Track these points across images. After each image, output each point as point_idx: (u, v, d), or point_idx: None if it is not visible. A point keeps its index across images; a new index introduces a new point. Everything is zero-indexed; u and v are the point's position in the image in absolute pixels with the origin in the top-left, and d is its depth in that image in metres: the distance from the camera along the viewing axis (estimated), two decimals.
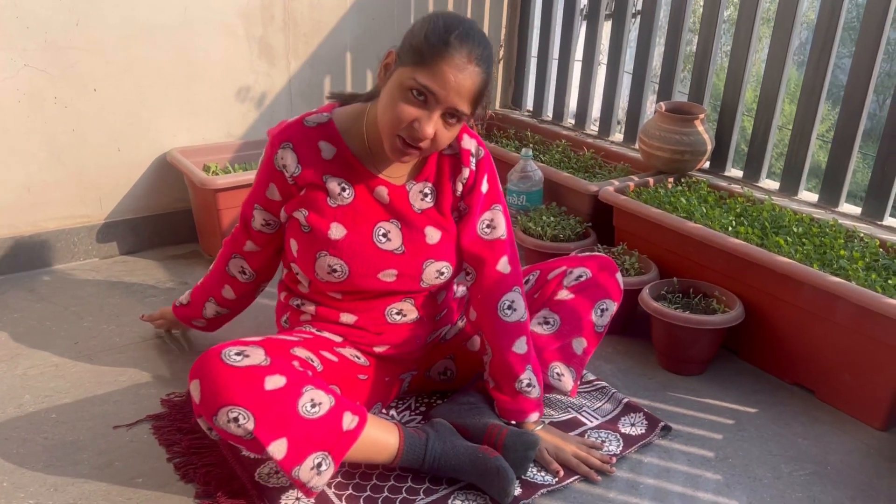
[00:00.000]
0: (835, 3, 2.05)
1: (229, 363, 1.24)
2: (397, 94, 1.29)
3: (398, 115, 1.29)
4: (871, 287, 1.66)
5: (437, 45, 1.26)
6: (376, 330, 1.52)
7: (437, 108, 1.29)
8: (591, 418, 1.67)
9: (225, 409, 1.21)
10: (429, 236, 1.48)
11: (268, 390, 1.23)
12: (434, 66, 1.26)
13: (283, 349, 1.37)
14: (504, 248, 1.53)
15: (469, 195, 1.50)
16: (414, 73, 1.27)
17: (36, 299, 2.09)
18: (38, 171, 2.18)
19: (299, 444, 1.25)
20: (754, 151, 2.31)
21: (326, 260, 1.42)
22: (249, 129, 2.52)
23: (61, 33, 2.09)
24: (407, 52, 1.30)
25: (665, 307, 1.83)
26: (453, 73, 1.26)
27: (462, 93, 1.28)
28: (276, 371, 1.26)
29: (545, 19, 2.94)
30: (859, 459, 1.60)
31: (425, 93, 1.27)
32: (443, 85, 1.26)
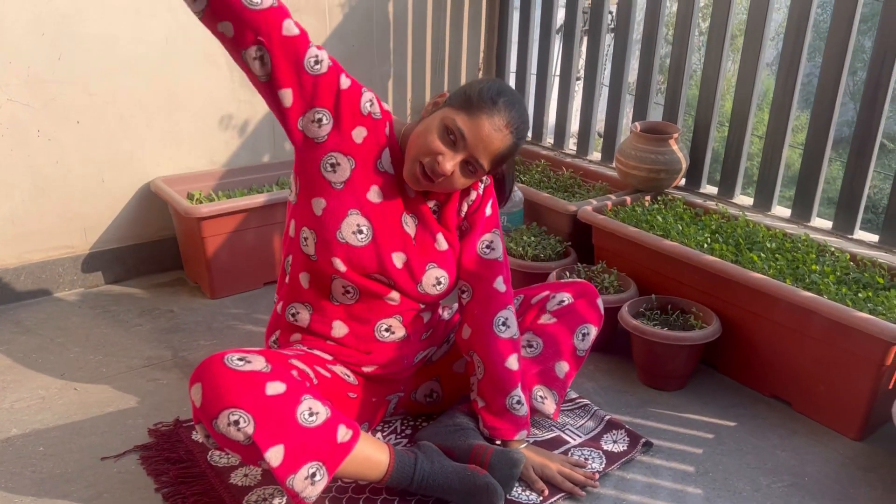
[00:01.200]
0: (800, 23, 2.12)
1: (232, 367, 1.26)
2: (434, 127, 1.41)
3: (427, 145, 1.40)
4: (841, 301, 1.71)
5: (486, 101, 1.40)
6: (365, 348, 1.55)
7: (462, 152, 1.40)
8: (574, 436, 1.70)
9: (226, 412, 1.22)
10: (438, 242, 1.55)
11: (268, 395, 1.25)
12: (475, 117, 1.39)
13: (283, 359, 1.39)
14: (500, 268, 1.60)
15: (473, 215, 1.58)
16: (456, 114, 1.40)
17: (21, 331, 2.10)
18: (23, 203, 2.20)
19: (296, 452, 1.26)
20: (728, 168, 2.37)
21: (356, 219, 1.45)
22: (232, 156, 2.55)
23: (44, 67, 2.12)
24: (459, 97, 1.43)
25: (644, 324, 1.87)
26: (488, 129, 1.39)
27: (489, 149, 1.41)
28: (276, 378, 1.28)
29: (522, 38, 2.99)
30: (836, 470, 1.64)
31: (457, 135, 1.39)
32: (475, 135, 1.39)
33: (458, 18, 2.99)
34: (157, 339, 2.08)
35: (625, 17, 2.58)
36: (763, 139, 2.28)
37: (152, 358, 1.99)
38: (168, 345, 2.06)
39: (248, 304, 2.30)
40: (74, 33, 2.13)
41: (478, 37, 3.10)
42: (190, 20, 2.31)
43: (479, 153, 1.40)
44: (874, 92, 1.99)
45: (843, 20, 2.02)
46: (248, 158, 2.58)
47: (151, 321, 2.19)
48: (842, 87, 2.07)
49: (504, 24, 3.05)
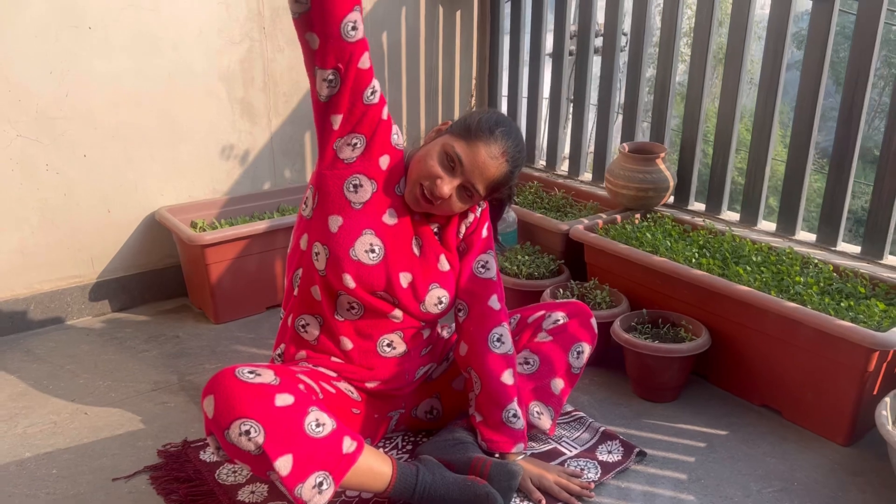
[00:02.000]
0: (777, 47, 2.20)
1: (243, 379, 1.32)
2: (435, 152, 1.51)
3: (427, 168, 1.50)
4: (824, 310, 1.77)
5: (483, 130, 1.50)
6: (368, 364, 1.60)
7: (459, 177, 1.50)
8: (570, 448, 1.76)
9: (238, 422, 1.28)
10: (441, 263, 1.62)
11: (278, 406, 1.31)
12: (473, 144, 1.49)
13: (291, 373, 1.46)
14: (494, 287, 1.67)
15: (470, 237, 1.66)
16: (455, 141, 1.50)
17: (32, 360, 2.16)
18: (32, 234, 2.27)
19: (304, 462, 1.32)
20: (714, 185, 2.44)
21: (370, 238, 1.52)
22: (234, 185, 2.63)
23: (51, 104, 2.20)
24: (459, 125, 1.54)
25: (636, 338, 1.93)
26: (484, 157, 1.49)
27: (484, 175, 1.50)
28: (285, 390, 1.34)
29: (513, 63, 3.08)
30: (824, 474, 1.69)
31: (455, 161, 1.49)
32: (472, 161, 1.49)
33: (450, 47, 3.08)
34: (163, 364, 2.14)
35: (611, 39, 2.67)
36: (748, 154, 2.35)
37: (159, 382, 2.05)
38: (174, 369, 2.12)
39: (252, 329, 2.36)
40: (81, 71, 2.22)
41: (470, 64, 3.19)
42: (192, 56, 2.41)
43: (475, 179, 1.50)
44: (850, 110, 2.07)
45: (818, 39, 2.10)
46: (250, 187, 2.66)
47: (158, 347, 2.25)
48: (819, 104, 2.15)
49: (495, 50, 3.15)
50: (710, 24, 2.37)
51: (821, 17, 2.09)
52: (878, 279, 1.94)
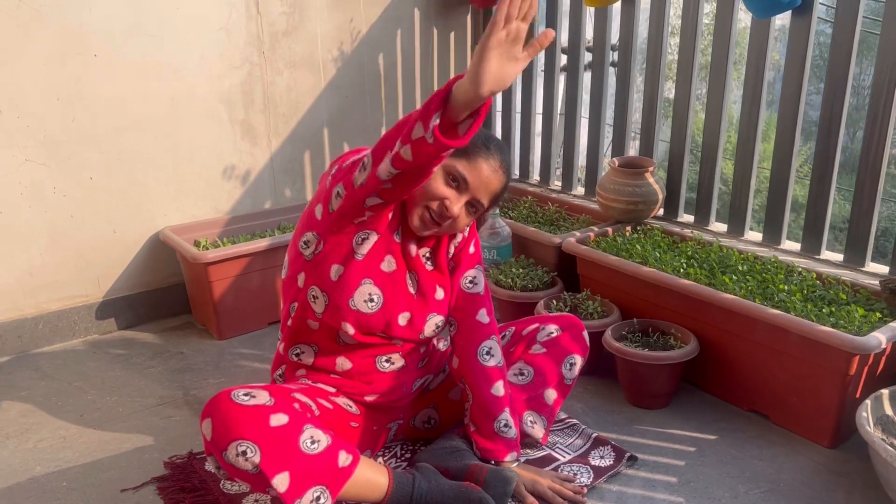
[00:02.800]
0: (759, 63, 2.28)
1: (238, 402, 1.38)
2: (437, 174, 1.53)
3: (434, 191, 1.53)
4: (807, 316, 1.83)
5: (480, 147, 1.55)
6: (367, 379, 1.67)
7: (466, 195, 1.55)
8: (563, 454, 1.81)
9: (235, 444, 1.34)
10: (437, 293, 1.68)
11: (272, 427, 1.37)
12: (474, 162, 1.54)
13: (285, 392, 1.52)
14: (483, 301, 1.72)
15: (458, 255, 1.71)
16: (456, 161, 1.53)
17: (41, 377, 2.22)
18: (40, 255, 2.34)
19: (300, 478, 1.38)
20: (702, 198, 2.51)
21: (369, 288, 1.57)
22: (236, 204, 2.70)
23: (58, 129, 2.28)
24: None
25: (627, 346, 1.99)
26: (487, 172, 1.55)
27: (489, 189, 1.56)
28: (279, 410, 1.40)
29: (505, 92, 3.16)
30: (809, 476, 1.75)
31: (460, 180, 1.53)
32: (476, 177, 1.54)
33: (444, 67, 3.17)
34: (168, 380, 2.20)
35: (600, 54, 2.76)
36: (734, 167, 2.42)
37: (165, 397, 2.11)
38: (179, 384, 2.18)
39: (255, 344, 2.42)
40: (87, 96, 2.30)
41: None
42: (194, 80, 2.49)
43: (480, 194, 1.56)
44: (829, 122, 2.14)
45: (797, 53, 2.18)
46: (251, 206, 2.74)
47: (163, 363, 2.31)
48: (800, 117, 2.22)
49: None
50: (694, 41, 2.44)
51: (799, 30, 2.17)
52: (859, 286, 2.00)
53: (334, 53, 2.80)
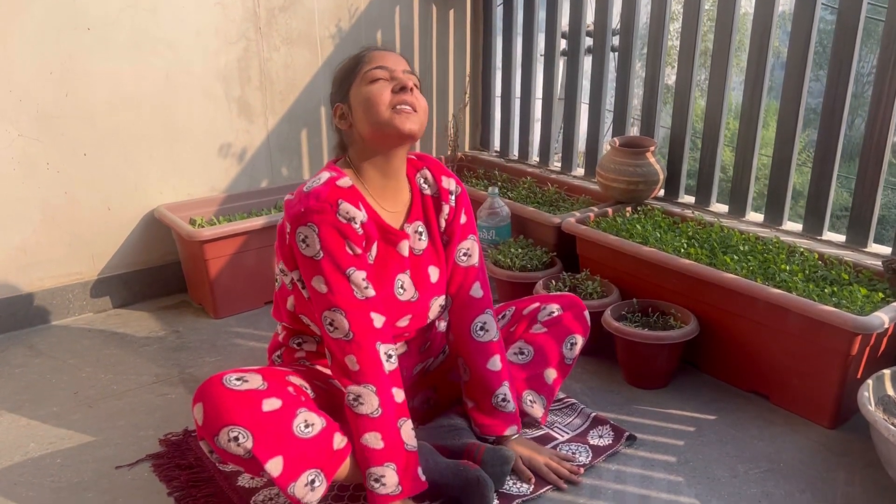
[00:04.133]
0: (762, 39, 2.25)
1: (230, 387, 1.36)
2: (366, 92, 1.48)
3: (379, 95, 1.47)
4: (809, 296, 1.81)
5: (355, 56, 1.53)
6: None
7: (397, 73, 1.49)
8: (562, 433, 1.80)
9: (226, 429, 1.32)
10: (431, 275, 1.63)
11: (265, 412, 1.35)
12: (367, 59, 1.51)
13: (279, 376, 1.49)
14: (477, 274, 1.69)
15: (450, 226, 1.66)
16: (360, 74, 1.50)
17: (35, 354, 2.20)
18: (34, 232, 2.31)
19: (294, 462, 1.37)
20: (703, 178, 2.49)
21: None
22: (232, 183, 2.67)
23: (52, 104, 2.24)
24: (340, 84, 1.54)
25: (625, 326, 1.98)
26: (381, 54, 1.52)
27: (399, 60, 1.52)
28: (272, 394, 1.38)
29: (506, 61, 3.13)
30: (810, 456, 1.74)
31: (381, 70, 1.48)
32: (384, 59, 1.50)
33: (443, 45, 3.13)
34: (164, 358, 2.18)
35: (601, 38, 2.72)
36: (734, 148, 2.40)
37: (160, 375, 2.09)
38: (175, 362, 2.16)
39: (251, 323, 2.40)
40: (80, 72, 2.27)
41: (463, 62, 3.24)
42: (189, 56, 2.45)
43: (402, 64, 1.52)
44: (833, 103, 2.11)
45: (802, 33, 2.15)
46: (248, 184, 2.71)
47: (158, 341, 2.29)
48: (804, 97, 2.20)
49: (488, 49, 3.20)
50: (697, 21, 2.41)
51: (804, 11, 2.14)
52: (861, 266, 1.98)
53: (332, 30, 2.76)
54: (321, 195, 1.44)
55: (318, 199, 1.44)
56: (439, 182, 1.64)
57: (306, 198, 1.45)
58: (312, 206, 1.43)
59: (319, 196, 1.44)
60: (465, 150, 3.32)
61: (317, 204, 1.43)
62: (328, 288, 1.43)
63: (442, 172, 1.66)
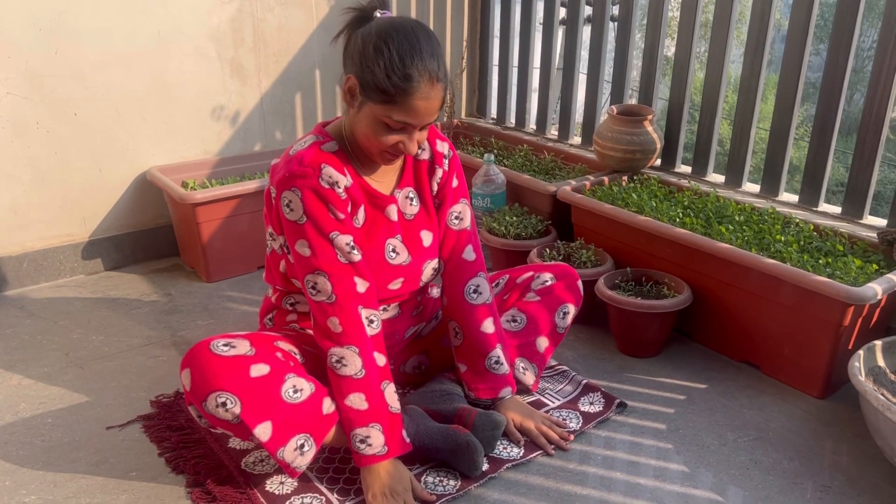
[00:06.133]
0: (764, 9, 2.22)
1: (217, 353, 1.36)
2: (377, 126, 1.39)
3: (383, 142, 1.41)
4: (803, 267, 1.81)
5: (402, 84, 1.33)
6: None
7: (414, 129, 1.41)
8: (552, 399, 1.80)
9: (214, 395, 1.32)
10: (424, 240, 1.62)
11: (253, 377, 1.35)
12: (405, 104, 1.35)
13: (268, 341, 1.49)
14: (469, 237, 1.68)
15: (442, 191, 1.65)
16: (387, 111, 1.36)
17: (26, 315, 2.19)
18: (24, 193, 2.29)
19: (283, 427, 1.37)
20: (700, 148, 2.47)
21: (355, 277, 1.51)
22: (225, 146, 2.64)
23: (42, 62, 2.20)
24: (372, 90, 1.36)
25: (619, 295, 1.97)
26: (423, 103, 1.36)
27: (433, 112, 1.40)
28: (260, 360, 1.38)
29: (504, 29, 3.09)
30: (798, 425, 1.75)
31: (402, 125, 1.39)
32: (416, 115, 1.37)
33: (441, 6, 3.07)
34: (155, 321, 2.18)
35: (600, 8, 2.68)
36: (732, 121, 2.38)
37: (152, 337, 2.09)
38: (167, 325, 2.15)
39: (244, 287, 2.39)
40: (70, 28, 2.22)
41: (461, 27, 3.19)
42: (181, 14, 2.41)
43: (426, 121, 1.41)
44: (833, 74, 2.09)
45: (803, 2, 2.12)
46: (241, 147, 2.68)
47: (150, 304, 2.28)
48: (804, 67, 2.17)
49: (486, 13, 3.15)
50: None
51: None
52: (856, 238, 1.98)
53: None
54: (304, 159, 1.44)
55: (301, 164, 1.44)
56: (434, 146, 1.63)
57: (290, 162, 1.45)
58: (295, 170, 1.43)
59: (303, 160, 1.44)
60: (461, 116, 3.29)
61: (299, 168, 1.43)
62: (311, 251, 1.43)
63: (436, 136, 1.65)
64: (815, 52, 7.16)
